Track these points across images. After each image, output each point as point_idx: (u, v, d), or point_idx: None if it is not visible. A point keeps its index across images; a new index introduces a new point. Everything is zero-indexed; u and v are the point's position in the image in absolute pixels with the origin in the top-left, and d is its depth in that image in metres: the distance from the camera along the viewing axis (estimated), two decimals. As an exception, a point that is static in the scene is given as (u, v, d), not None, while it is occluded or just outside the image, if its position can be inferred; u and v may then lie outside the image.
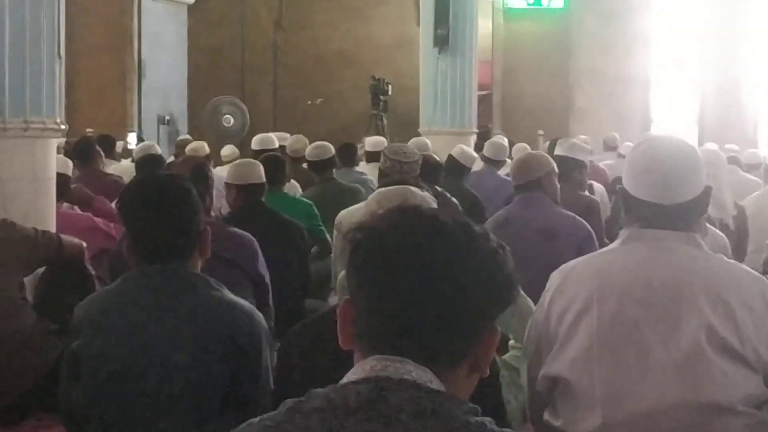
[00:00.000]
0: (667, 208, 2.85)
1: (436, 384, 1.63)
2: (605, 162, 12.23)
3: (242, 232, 4.82)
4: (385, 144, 10.78)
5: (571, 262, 2.99)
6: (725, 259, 2.94)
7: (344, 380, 1.65)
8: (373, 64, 17.98)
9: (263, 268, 4.76)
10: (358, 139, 11.53)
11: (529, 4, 17.18)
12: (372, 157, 9.72)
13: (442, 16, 12.38)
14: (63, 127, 5.52)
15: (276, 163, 7.19)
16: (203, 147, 9.81)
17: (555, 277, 2.96)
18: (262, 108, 18.75)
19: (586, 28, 17.06)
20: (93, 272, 4.91)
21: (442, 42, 12.38)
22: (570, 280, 2.90)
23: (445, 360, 1.65)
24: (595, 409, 2.75)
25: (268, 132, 12.72)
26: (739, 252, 7.53)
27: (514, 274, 1.72)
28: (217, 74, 18.68)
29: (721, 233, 5.64)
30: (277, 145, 9.61)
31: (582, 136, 13.29)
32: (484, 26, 17.27)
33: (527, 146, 11.39)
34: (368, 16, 18.80)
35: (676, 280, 2.79)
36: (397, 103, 16.35)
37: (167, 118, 17.81)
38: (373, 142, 10.60)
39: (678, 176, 2.86)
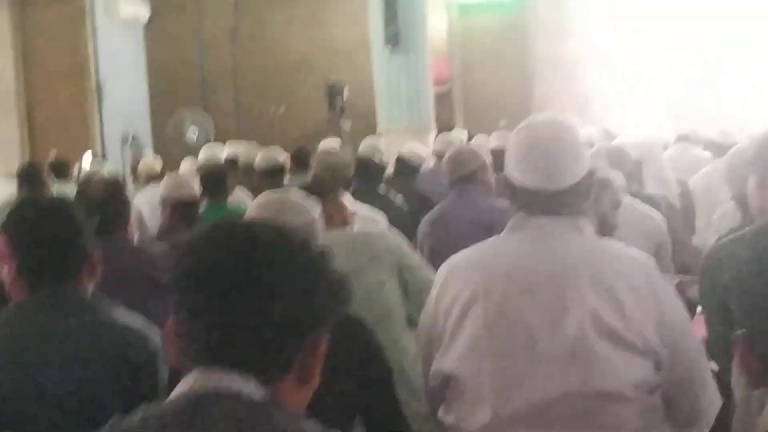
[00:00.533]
0: (550, 194, 2.79)
1: (259, 395, 1.64)
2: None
3: (163, 253, 4.73)
4: (339, 148, 10.75)
5: (458, 255, 2.94)
6: (611, 243, 2.89)
7: (170, 396, 1.69)
8: (333, 67, 17.89)
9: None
10: (321, 145, 11.45)
11: (482, -4, 17.19)
12: (326, 161, 9.65)
13: (390, 15, 12.42)
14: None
15: (216, 175, 7.15)
16: (156, 164, 9.74)
17: (442, 271, 2.91)
18: (225, 120, 18.65)
19: (541, 15, 17.05)
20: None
21: (392, 41, 12.42)
22: (455, 274, 2.85)
23: (268, 371, 1.66)
24: (484, 403, 2.71)
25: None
26: (687, 229, 7.51)
27: (342, 284, 1.72)
28: (177, 90, 18.59)
29: (654, 214, 5.59)
30: (223, 157, 9.54)
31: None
32: (439, 22, 17.28)
33: (485, 136, 11.33)
34: (324, 19, 18.71)
35: (561, 267, 2.74)
36: (358, 105, 16.29)
37: (131, 137, 17.71)
38: (326, 145, 10.54)
39: (558, 161, 2.79)
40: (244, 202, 8.14)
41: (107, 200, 4.42)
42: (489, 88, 17.15)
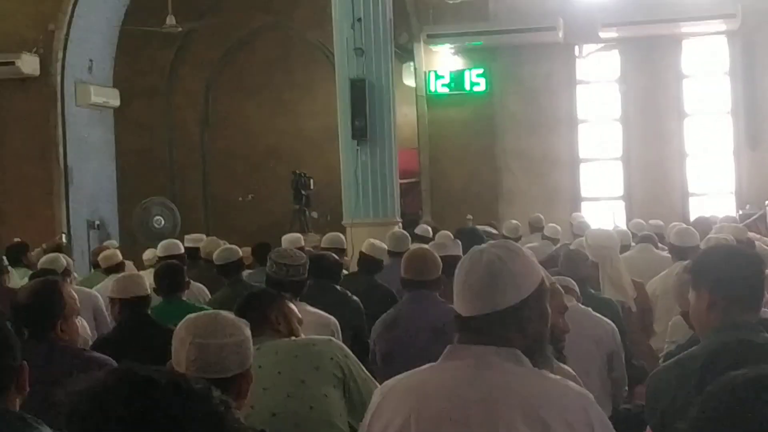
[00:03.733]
0: (482, 320, 2.72)
1: None
2: (530, 244, 12.10)
3: (100, 356, 4.58)
4: (302, 241, 10.71)
5: (391, 381, 2.88)
6: (549, 375, 2.81)
7: None
8: (302, 157, 17.98)
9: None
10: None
11: (451, 89, 17.20)
12: (287, 255, 9.58)
13: (358, 108, 12.42)
14: None
15: (171, 270, 7.08)
16: (116, 254, 9.65)
17: (375, 396, 2.86)
18: (193, 207, 18.67)
19: (509, 110, 17.13)
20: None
21: (360, 133, 12.41)
22: (388, 400, 2.79)
23: None
24: None
25: (200, 232, 12.62)
26: (645, 329, 7.49)
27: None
28: (146, 176, 18.59)
29: (607, 322, 5.53)
30: (182, 251, 9.47)
31: (513, 221, 13.30)
32: (408, 114, 17.35)
33: (449, 234, 11.30)
34: (295, 110, 18.83)
35: (493, 398, 2.65)
36: (326, 197, 16.32)
37: (97, 223, 17.67)
38: (288, 239, 10.50)
39: (486, 285, 2.73)
40: (203, 293, 8.12)
41: (36, 303, 4.35)
42: (456, 181, 17.17)
